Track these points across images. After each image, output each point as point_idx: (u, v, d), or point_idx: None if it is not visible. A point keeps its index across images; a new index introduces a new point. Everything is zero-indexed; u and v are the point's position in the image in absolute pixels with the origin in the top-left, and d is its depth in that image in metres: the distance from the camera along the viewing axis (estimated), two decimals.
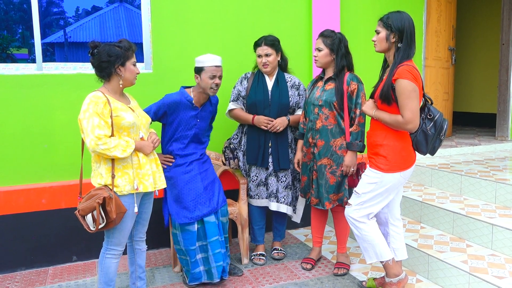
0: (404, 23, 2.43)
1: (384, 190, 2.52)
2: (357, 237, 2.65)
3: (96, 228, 2.28)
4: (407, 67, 2.37)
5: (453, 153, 4.72)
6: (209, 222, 2.88)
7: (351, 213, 2.61)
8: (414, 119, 2.37)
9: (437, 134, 2.49)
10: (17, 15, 5.68)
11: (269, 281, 3.04)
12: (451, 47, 5.33)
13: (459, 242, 3.10)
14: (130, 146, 2.33)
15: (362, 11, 4.29)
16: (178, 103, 2.90)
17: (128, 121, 2.36)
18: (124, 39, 2.43)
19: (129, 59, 2.39)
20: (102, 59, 2.33)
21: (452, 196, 3.64)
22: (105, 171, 2.34)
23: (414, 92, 2.35)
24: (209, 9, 3.68)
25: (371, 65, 4.11)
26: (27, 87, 3.24)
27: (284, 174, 3.27)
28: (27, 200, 3.23)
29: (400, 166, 2.49)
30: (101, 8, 8.19)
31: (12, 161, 3.23)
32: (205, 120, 3.01)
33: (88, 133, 2.24)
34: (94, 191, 2.29)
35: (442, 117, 2.50)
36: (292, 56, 3.53)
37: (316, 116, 3.01)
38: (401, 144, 2.49)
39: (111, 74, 2.39)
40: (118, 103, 2.38)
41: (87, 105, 2.28)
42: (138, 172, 2.41)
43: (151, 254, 3.55)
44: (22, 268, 3.28)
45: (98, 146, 2.23)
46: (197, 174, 2.92)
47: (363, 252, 2.67)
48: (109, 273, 2.48)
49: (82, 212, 2.27)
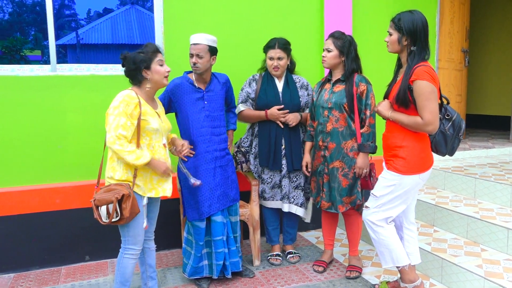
0: (416, 25, 2.36)
1: (402, 193, 2.49)
2: (373, 240, 2.62)
3: (109, 221, 2.32)
4: (425, 68, 2.33)
5: (466, 156, 4.67)
6: (215, 221, 2.90)
7: (369, 216, 2.58)
8: (434, 121, 2.33)
9: (455, 134, 2.46)
10: (30, 17, 5.76)
11: (280, 283, 3.02)
12: (465, 49, 5.27)
13: (474, 246, 3.06)
14: (144, 157, 2.36)
15: (375, 12, 4.26)
16: (179, 86, 2.91)
17: (152, 126, 2.44)
18: (149, 43, 2.52)
19: (153, 61, 2.45)
20: (130, 67, 2.44)
21: (466, 199, 3.60)
22: (123, 167, 2.39)
23: (433, 93, 2.31)
24: (220, 11, 3.69)
25: (383, 66, 4.09)
26: (41, 88, 3.28)
27: (295, 174, 3.26)
28: (41, 200, 3.27)
29: (419, 168, 2.46)
30: (113, 10, 8.26)
31: (26, 161, 3.27)
32: (214, 101, 2.96)
33: (111, 129, 2.31)
34: (115, 186, 2.34)
35: (459, 117, 2.47)
36: (304, 58, 3.52)
37: (326, 119, 2.99)
38: (420, 146, 2.45)
39: (141, 79, 2.47)
40: (148, 107, 2.45)
41: (119, 102, 2.33)
42: (153, 177, 2.48)
43: (163, 255, 3.56)
44: (35, 267, 3.32)
45: (115, 144, 2.30)
46: (210, 169, 2.91)
47: (379, 256, 2.64)
48: (126, 273, 2.51)
49: (98, 202, 2.30)
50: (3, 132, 3.20)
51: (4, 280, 3.14)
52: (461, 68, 5.29)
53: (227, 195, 2.96)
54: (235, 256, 3.01)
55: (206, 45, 2.84)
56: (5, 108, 3.20)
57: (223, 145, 3.00)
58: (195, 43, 2.85)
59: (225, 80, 3.08)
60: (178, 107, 2.94)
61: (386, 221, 2.56)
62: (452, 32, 5.00)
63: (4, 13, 5.67)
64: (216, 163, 2.93)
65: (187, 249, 3.02)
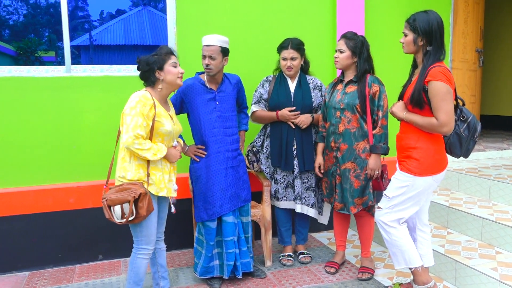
0: (432, 25, 2.35)
1: (415, 194, 2.48)
2: (386, 241, 2.61)
3: (126, 221, 2.32)
4: (440, 68, 2.31)
5: (480, 157, 4.61)
6: (227, 222, 2.91)
7: (382, 217, 2.57)
8: (449, 122, 2.31)
9: (471, 136, 2.43)
10: (44, 19, 5.83)
11: (292, 284, 3.02)
12: (479, 49, 5.21)
13: (488, 249, 3.02)
14: (161, 152, 2.42)
15: (387, 12, 4.23)
16: (191, 87, 2.92)
17: (166, 128, 2.46)
18: (163, 46, 2.55)
19: (166, 62, 2.47)
20: (144, 69, 2.46)
21: (480, 201, 3.56)
22: (135, 167, 2.40)
23: (448, 94, 2.29)
24: (233, 12, 3.70)
25: (396, 67, 4.06)
26: (56, 89, 3.32)
27: (307, 175, 3.26)
28: (56, 200, 3.31)
29: (432, 169, 2.44)
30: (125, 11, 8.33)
31: (41, 161, 3.32)
32: (226, 102, 2.97)
33: (129, 130, 2.31)
34: (128, 185, 2.34)
35: (475, 118, 2.44)
36: (316, 58, 3.51)
37: (338, 120, 2.98)
38: (434, 147, 2.43)
39: (154, 81, 2.49)
40: (162, 109, 2.48)
41: (135, 103, 2.35)
42: (165, 176, 2.50)
43: (175, 255, 3.58)
44: (50, 266, 3.36)
45: (134, 145, 2.32)
46: (222, 169, 2.91)
47: (392, 257, 2.63)
48: (139, 273, 2.53)
49: (111, 202, 2.30)
50: (19, 133, 3.26)
51: (19, 278, 3.19)
52: (475, 69, 5.23)
53: (239, 195, 2.96)
54: (246, 257, 3.02)
55: (218, 47, 2.86)
56: (21, 109, 3.25)
57: (235, 146, 3.01)
58: (207, 44, 2.86)
59: (236, 80, 3.09)
60: (190, 107, 2.95)
61: (398, 222, 2.55)
62: (466, 32, 4.94)
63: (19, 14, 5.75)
64: (228, 163, 2.93)
65: (198, 248, 3.03)
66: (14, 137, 3.25)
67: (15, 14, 5.70)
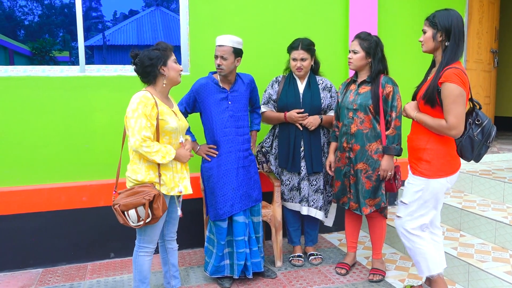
0: (451, 21, 2.32)
1: (431, 197, 2.44)
2: (409, 250, 2.57)
3: (144, 223, 2.31)
4: (455, 70, 2.28)
5: (494, 159, 4.55)
6: (237, 221, 2.91)
7: (404, 225, 2.52)
8: (458, 125, 2.28)
9: (484, 141, 2.38)
10: (58, 19, 5.92)
11: (302, 284, 3.02)
12: (494, 49, 5.14)
13: (502, 252, 2.98)
14: (170, 155, 2.39)
15: (400, 13, 4.20)
16: (205, 86, 2.93)
17: (171, 126, 2.43)
18: (161, 41, 2.49)
19: (169, 58, 2.45)
20: (145, 64, 2.39)
21: (494, 203, 3.51)
22: (145, 169, 2.39)
23: (461, 97, 2.26)
24: (246, 12, 3.71)
25: (409, 67, 4.04)
26: (70, 88, 3.36)
27: (315, 177, 3.24)
28: (68, 198, 3.35)
29: (445, 171, 2.41)
30: (138, 12, 8.40)
31: (55, 159, 3.36)
32: (238, 102, 2.98)
33: (134, 133, 2.29)
34: (139, 188, 2.32)
35: (490, 123, 2.39)
36: (328, 58, 3.50)
37: (350, 120, 2.97)
38: (445, 149, 2.40)
39: (156, 77, 2.44)
40: (164, 107, 2.44)
41: (136, 104, 2.32)
42: (175, 175, 2.48)
43: (186, 254, 3.60)
44: (63, 263, 3.40)
45: (142, 147, 2.30)
46: (233, 169, 2.92)
47: (416, 265, 2.59)
48: (143, 271, 2.53)
49: (124, 207, 2.28)
50: (34, 131, 3.30)
51: (32, 275, 3.23)
52: (489, 69, 5.16)
53: (250, 195, 2.97)
54: (257, 257, 3.02)
55: (230, 47, 2.86)
56: (36, 108, 3.30)
57: (246, 146, 3.01)
58: (220, 44, 2.87)
59: (249, 80, 3.09)
60: (202, 107, 2.96)
61: (421, 229, 2.51)
62: (480, 32, 4.88)
63: (34, 15, 5.85)
64: (239, 163, 2.94)
65: (209, 247, 3.05)
66: (29, 136, 3.30)
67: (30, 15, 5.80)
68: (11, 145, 3.27)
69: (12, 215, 3.25)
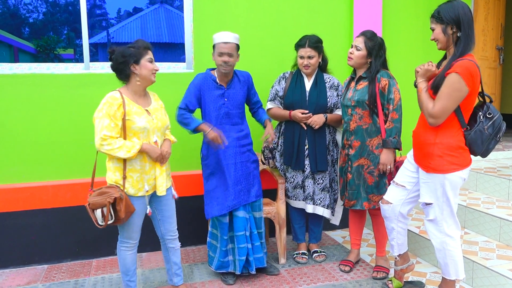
0: (457, 11, 2.27)
1: (452, 192, 2.38)
2: (438, 251, 2.50)
3: (105, 224, 2.35)
4: (467, 63, 2.22)
5: (499, 157, 4.53)
6: (237, 216, 2.93)
7: (438, 225, 2.46)
8: (439, 116, 2.27)
9: (494, 135, 2.34)
10: (63, 17, 5.94)
11: (306, 281, 3.02)
12: (499, 46, 5.11)
13: (507, 250, 2.97)
14: (134, 147, 2.35)
15: (405, 11, 4.18)
16: (204, 82, 2.95)
17: (138, 126, 2.39)
18: (140, 39, 2.47)
19: (143, 57, 2.41)
20: (118, 60, 2.39)
21: (499, 201, 3.50)
22: (113, 170, 2.41)
23: (458, 93, 2.23)
24: (249, 10, 3.70)
25: (412, 65, 4.01)
26: (75, 86, 3.37)
27: (321, 176, 3.24)
28: (74, 195, 3.37)
29: (459, 164, 2.35)
30: (142, 9, 8.42)
31: (60, 156, 3.38)
32: (234, 99, 2.98)
33: (96, 132, 2.33)
34: (106, 189, 2.34)
35: (501, 117, 2.36)
36: (332, 56, 3.48)
37: (349, 117, 2.97)
38: (455, 142, 2.34)
39: (129, 75, 2.43)
40: (134, 106, 2.41)
41: (102, 105, 2.35)
42: (144, 176, 2.45)
43: (189, 251, 3.61)
44: (68, 260, 3.43)
45: (102, 146, 2.32)
46: (231, 164, 2.93)
47: (443, 267, 2.53)
48: (125, 264, 2.58)
49: (92, 206, 2.33)
50: (39, 128, 3.32)
51: (38, 271, 3.26)
52: (495, 66, 5.13)
53: (249, 190, 2.97)
54: (259, 252, 3.02)
55: (235, 44, 2.87)
56: (41, 105, 3.32)
57: (243, 142, 3.01)
58: (226, 41, 2.85)
59: (245, 78, 3.08)
60: (202, 102, 2.98)
61: (457, 227, 2.45)
62: (486, 29, 4.85)
63: (38, 13, 5.87)
64: (237, 158, 2.95)
65: (212, 242, 3.06)
66: (33, 133, 3.31)
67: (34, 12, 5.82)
68: (16, 142, 3.29)
69: (17, 211, 3.27)
